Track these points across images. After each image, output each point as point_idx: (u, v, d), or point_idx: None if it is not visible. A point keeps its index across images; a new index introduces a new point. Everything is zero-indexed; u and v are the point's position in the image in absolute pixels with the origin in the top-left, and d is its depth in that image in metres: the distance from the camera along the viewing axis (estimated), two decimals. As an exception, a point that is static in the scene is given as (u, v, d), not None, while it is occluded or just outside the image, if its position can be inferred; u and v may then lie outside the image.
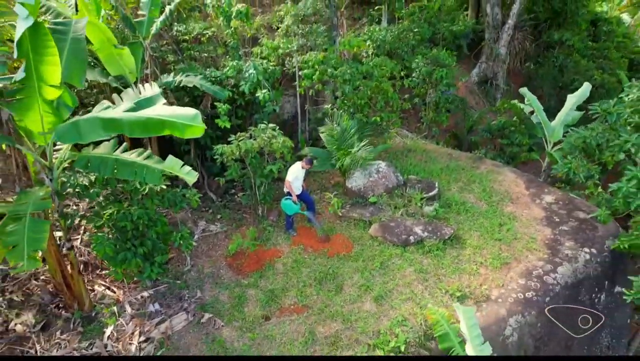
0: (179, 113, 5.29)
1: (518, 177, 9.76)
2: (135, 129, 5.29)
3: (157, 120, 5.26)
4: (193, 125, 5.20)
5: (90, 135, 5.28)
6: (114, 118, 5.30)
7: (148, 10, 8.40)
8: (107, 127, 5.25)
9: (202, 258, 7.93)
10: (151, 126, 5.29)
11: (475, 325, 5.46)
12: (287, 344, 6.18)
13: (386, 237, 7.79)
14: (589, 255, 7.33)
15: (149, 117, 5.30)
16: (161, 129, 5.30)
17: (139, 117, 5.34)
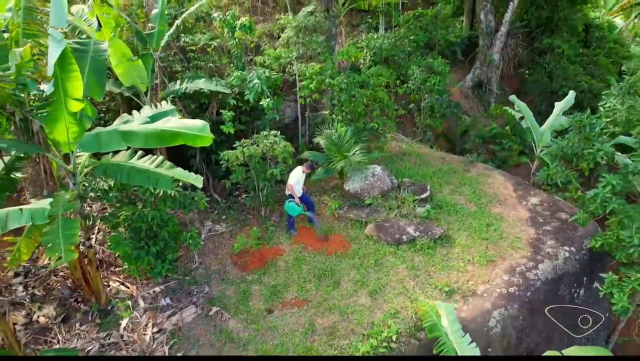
0: (190, 125, 5.85)
1: (507, 180, 10.33)
2: (150, 140, 5.85)
3: (170, 132, 5.82)
4: (202, 136, 5.75)
5: (110, 145, 5.85)
6: (132, 130, 5.87)
7: (158, 24, 8.97)
8: (126, 138, 5.82)
9: (209, 256, 8.50)
10: (165, 137, 5.85)
11: (455, 320, 6.02)
12: (288, 334, 6.75)
13: (381, 236, 8.35)
14: (568, 253, 7.91)
15: (162, 129, 5.86)
16: (174, 140, 5.85)
17: (154, 129, 5.90)
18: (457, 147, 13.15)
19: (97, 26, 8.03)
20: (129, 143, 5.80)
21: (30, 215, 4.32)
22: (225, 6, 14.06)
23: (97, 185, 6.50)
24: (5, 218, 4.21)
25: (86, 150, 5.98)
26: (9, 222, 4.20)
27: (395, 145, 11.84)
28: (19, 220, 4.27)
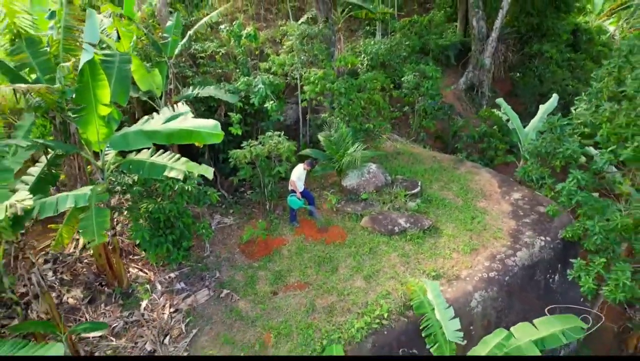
0: (203, 124, 6.70)
1: (493, 177, 11.16)
2: (171, 138, 6.71)
3: (187, 130, 6.67)
4: (214, 133, 6.60)
5: (137, 143, 6.71)
6: (155, 130, 6.72)
7: (171, 34, 9.82)
8: (150, 137, 6.67)
9: (218, 246, 9.33)
10: (183, 135, 6.70)
11: (439, 294, 6.87)
12: (291, 313, 7.58)
13: (375, 227, 9.19)
14: (544, 243, 8.74)
15: (180, 128, 6.72)
16: (189, 137, 6.70)
17: (172, 129, 6.76)
18: (449, 147, 13.97)
19: (116, 37, 8.89)
20: (154, 141, 6.64)
21: (74, 199, 5.13)
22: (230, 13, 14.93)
23: (122, 179, 7.34)
24: (56, 202, 5.02)
25: (116, 148, 6.82)
26: (59, 205, 5.02)
27: (390, 145, 12.68)
28: (65, 203, 5.08)
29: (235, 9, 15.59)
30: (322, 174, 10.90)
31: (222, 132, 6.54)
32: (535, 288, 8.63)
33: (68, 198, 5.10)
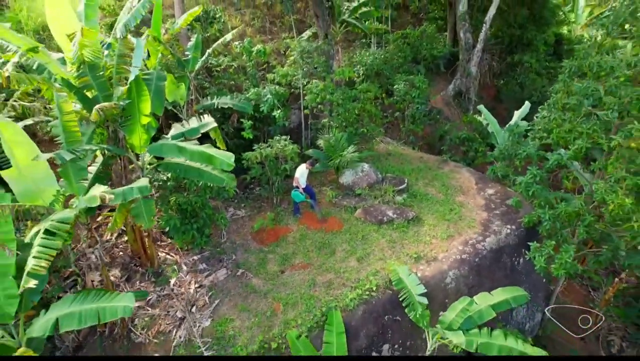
0: (223, 154, 8.11)
1: (472, 175, 12.74)
2: (194, 157, 8.15)
3: (208, 155, 8.09)
4: (227, 162, 7.93)
5: (170, 153, 8.24)
6: (185, 147, 8.20)
7: (192, 52, 11.41)
8: (180, 151, 8.16)
9: (233, 234, 10.91)
10: (204, 157, 8.10)
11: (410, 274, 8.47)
12: (297, 287, 9.16)
13: (367, 218, 10.77)
14: (509, 230, 10.33)
15: (204, 152, 8.16)
16: (209, 160, 8.12)
17: (198, 150, 8.21)
18: (436, 148, 15.55)
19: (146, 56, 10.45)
20: (182, 155, 8.14)
21: (138, 190, 6.68)
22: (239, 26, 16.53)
23: (158, 176, 8.91)
24: (123, 192, 6.57)
25: (152, 153, 8.38)
26: (126, 195, 6.56)
27: (382, 147, 14.26)
28: (132, 193, 6.63)
29: (243, 22, 17.23)
30: (322, 172, 12.47)
31: (233, 164, 7.86)
32: (502, 268, 10.20)
33: (133, 189, 6.64)
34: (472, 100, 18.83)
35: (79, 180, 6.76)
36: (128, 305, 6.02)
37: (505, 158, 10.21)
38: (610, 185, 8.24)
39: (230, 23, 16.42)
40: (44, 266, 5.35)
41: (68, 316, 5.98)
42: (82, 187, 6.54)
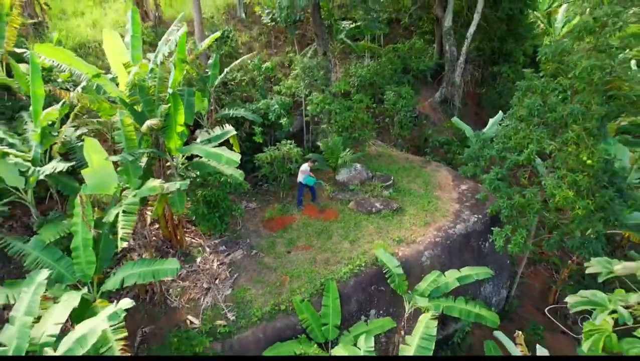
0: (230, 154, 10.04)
1: (449, 173, 14.84)
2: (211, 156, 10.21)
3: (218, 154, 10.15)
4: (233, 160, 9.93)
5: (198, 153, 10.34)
6: (208, 150, 10.27)
7: (212, 69, 13.51)
8: (205, 153, 10.25)
9: (247, 222, 13.01)
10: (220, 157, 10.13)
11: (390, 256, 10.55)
12: (300, 264, 11.25)
13: (359, 209, 12.86)
14: (476, 219, 12.43)
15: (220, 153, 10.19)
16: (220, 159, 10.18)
17: (214, 151, 10.24)
18: (421, 150, 17.64)
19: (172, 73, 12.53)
20: (204, 155, 10.20)
21: (180, 185, 8.76)
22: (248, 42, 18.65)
23: (189, 174, 11.01)
24: (167, 186, 8.64)
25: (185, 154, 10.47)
26: (170, 188, 8.63)
27: (373, 149, 16.36)
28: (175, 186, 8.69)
29: (251, 38, 19.34)
30: (321, 171, 14.56)
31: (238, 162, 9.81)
32: (470, 251, 12.29)
33: (176, 183, 8.72)
34: (457, 107, 20.90)
35: (136, 176, 8.86)
36: (175, 267, 8.13)
37: (473, 159, 12.32)
38: (556, 181, 10.33)
39: (240, 39, 18.52)
40: (128, 233, 7.46)
41: (130, 276, 8.08)
42: (137, 181, 8.64)
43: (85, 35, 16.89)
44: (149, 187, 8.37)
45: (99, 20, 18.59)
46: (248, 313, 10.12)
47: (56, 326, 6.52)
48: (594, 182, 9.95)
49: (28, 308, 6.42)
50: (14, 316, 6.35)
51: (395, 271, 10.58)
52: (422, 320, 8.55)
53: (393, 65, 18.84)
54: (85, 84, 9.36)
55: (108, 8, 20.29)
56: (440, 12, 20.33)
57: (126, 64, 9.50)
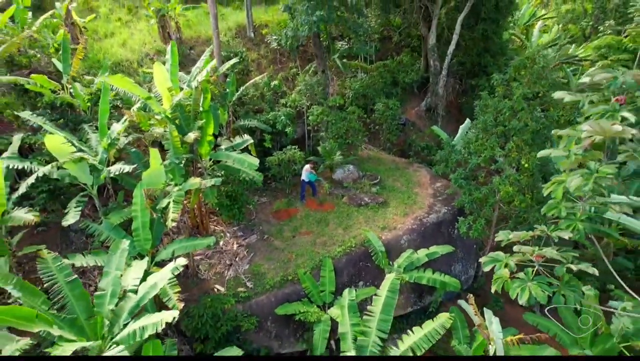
0: (251, 159, 12.96)
1: (428, 173, 17.67)
2: (236, 161, 13.08)
3: (243, 159, 13.03)
4: (253, 164, 12.87)
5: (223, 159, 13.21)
6: (234, 156, 13.13)
7: (230, 87, 16.37)
8: (233, 159, 13.08)
9: (259, 213, 15.85)
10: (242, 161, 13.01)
11: (376, 238, 13.37)
12: (303, 245, 14.08)
13: (351, 202, 15.70)
14: (446, 210, 15.26)
15: (242, 158, 13.06)
16: (243, 163, 13.04)
17: (238, 157, 13.12)
18: (406, 154, 20.48)
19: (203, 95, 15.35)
20: (229, 159, 13.03)
21: (214, 181, 11.58)
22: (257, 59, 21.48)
23: (215, 174, 13.84)
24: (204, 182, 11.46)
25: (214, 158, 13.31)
26: (206, 184, 11.45)
27: (365, 152, 19.21)
28: (210, 182, 11.51)
29: (259, 55, 22.20)
30: (321, 171, 17.40)
31: (257, 165, 12.75)
32: (441, 236, 15.10)
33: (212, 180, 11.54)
34: (440, 115, 23.74)
35: (180, 175, 11.71)
36: (211, 241, 10.96)
37: (443, 161, 15.18)
38: (502, 180, 13.15)
39: (250, 56, 21.38)
40: (177, 216, 10.28)
41: (180, 248, 10.91)
42: (181, 179, 11.50)
43: (118, 55, 19.78)
44: (191, 183, 11.23)
45: (128, 40, 21.49)
46: (262, 282, 12.95)
47: (135, 280, 9.35)
48: (532, 181, 12.78)
49: (117, 266, 9.28)
50: (108, 271, 9.21)
51: (379, 250, 13.42)
52: (388, 278, 11.33)
53: (383, 79, 21.71)
54: (139, 105, 12.20)
55: (134, 28, 23.20)
56: (425, 31, 23.20)
57: (169, 89, 12.35)
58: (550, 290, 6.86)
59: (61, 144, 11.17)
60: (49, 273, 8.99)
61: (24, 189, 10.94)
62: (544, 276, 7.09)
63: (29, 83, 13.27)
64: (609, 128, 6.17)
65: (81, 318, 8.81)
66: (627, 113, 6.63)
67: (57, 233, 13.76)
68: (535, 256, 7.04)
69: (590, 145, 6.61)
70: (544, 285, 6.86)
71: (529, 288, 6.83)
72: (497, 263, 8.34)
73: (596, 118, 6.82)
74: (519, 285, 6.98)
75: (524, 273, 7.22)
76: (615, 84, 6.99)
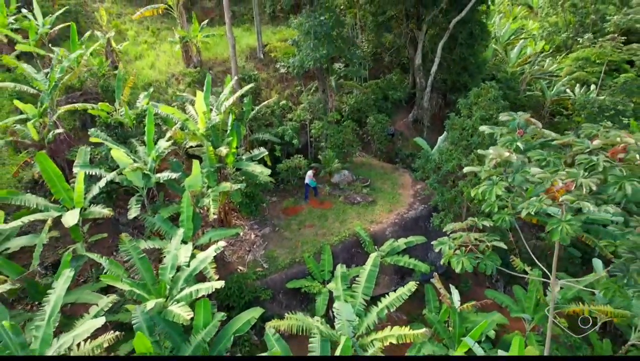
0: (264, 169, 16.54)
1: (410, 177, 21.20)
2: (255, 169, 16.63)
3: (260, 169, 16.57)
4: (266, 173, 16.44)
5: (243, 167, 16.76)
6: (250, 164, 16.68)
7: (247, 106, 19.90)
8: (247, 165, 16.63)
9: (271, 210, 19.37)
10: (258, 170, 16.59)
11: (364, 230, 16.90)
12: (307, 236, 17.58)
13: (346, 201, 19.23)
14: (423, 207, 18.79)
15: (258, 168, 16.61)
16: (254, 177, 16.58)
17: (256, 166, 16.67)
18: (393, 160, 23.99)
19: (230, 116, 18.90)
20: (247, 167, 16.57)
21: (240, 186, 15.05)
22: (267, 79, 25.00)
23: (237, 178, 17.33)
24: (233, 186, 14.93)
25: (236, 166, 16.82)
26: (234, 187, 14.93)
27: (359, 159, 22.74)
28: (237, 186, 14.98)
29: (268, 75, 25.72)
30: (321, 176, 20.91)
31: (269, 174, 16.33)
32: (419, 228, 18.58)
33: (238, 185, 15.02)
34: (425, 125, 27.22)
35: (214, 180, 15.21)
36: (239, 231, 14.48)
37: (421, 168, 18.70)
38: (465, 183, 16.65)
39: (260, 75, 24.89)
40: (216, 212, 13.76)
41: (215, 235, 14.44)
42: (214, 183, 15.01)
43: (149, 77, 23.31)
44: (223, 186, 14.75)
45: (155, 62, 25.03)
46: (275, 264, 16.47)
47: (186, 258, 12.83)
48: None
49: (175, 247, 12.79)
50: (169, 250, 12.73)
51: (368, 240, 16.94)
52: (372, 256, 14.76)
53: (375, 95, 25.22)
54: (179, 125, 15.73)
55: (158, 49, 26.75)
56: (412, 53, 26.73)
57: (204, 112, 15.87)
58: (475, 262, 10.39)
59: (123, 156, 14.70)
60: (127, 252, 12.54)
61: (97, 190, 14.45)
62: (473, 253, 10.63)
63: (93, 108, 16.80)
64: (502, 153, 9.81)
65: (149, 284, 12.34)
66: (520, 143, 10.26)
67: (110, 226, 17.30)
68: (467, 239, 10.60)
69: (496, 164, 10.22)
70: (472, 259, 10.41)
71: (462, 261, 10.37)
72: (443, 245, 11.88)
73: (501, 145, 10.41)
74: (457, 259, 10.52)
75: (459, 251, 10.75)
76: (513, 123, 10.65)
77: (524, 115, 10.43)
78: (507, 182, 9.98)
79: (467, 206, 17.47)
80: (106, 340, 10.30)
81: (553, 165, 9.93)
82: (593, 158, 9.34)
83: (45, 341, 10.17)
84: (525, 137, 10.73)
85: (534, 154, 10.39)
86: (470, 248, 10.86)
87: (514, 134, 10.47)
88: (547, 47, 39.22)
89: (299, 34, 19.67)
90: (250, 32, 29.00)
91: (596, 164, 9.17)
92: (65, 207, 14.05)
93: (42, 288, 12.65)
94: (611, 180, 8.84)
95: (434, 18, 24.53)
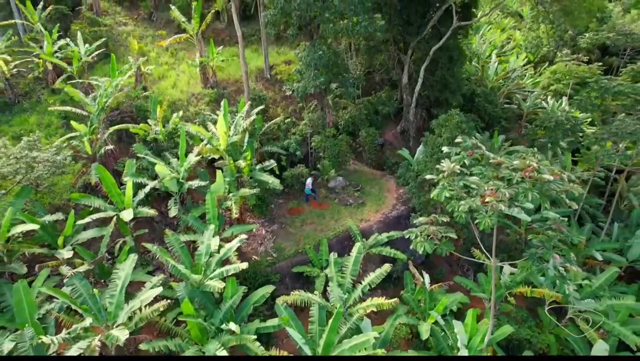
0: (273, 178, 20.46)
1: (395, 183, 25.08)
2: (266, 177, 20.54)
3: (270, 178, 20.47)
4: (275, 180, 20.37)
5: (256, 175, 20.68)
6: (262, 173, 20.58)
7: (258, 124, 23.80)
8: (259, 175, 20.56)
9: (278, 210, 23.26)
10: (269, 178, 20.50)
11: (355, 226, 20.82)
12: (308, 232, 21.47)
13: (340, 203, 23.14)
14: (404, 208, 22.70)
15: (268, 176, 20.51)
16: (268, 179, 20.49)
17: (267, 175, 20.59)
18: (382, 168, 27.87)
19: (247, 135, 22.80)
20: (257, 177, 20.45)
21: (256, 191, 18.88)
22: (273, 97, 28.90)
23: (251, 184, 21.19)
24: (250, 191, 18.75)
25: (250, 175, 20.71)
26: (251, 192, 18.73)
27: (352, 167, 26.64)
28: (253, 191, 18.81)
29: (274, 93, 29.62)
30: (320, 182, 24.79)
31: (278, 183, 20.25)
32: (400, 225, 22.42)
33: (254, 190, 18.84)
34: (411, 136, 31.07)
35: (234, 186, 19.09)
36: (254, 227, 18.36)
37: (402, 176, 22.59)
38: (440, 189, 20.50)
39: (268, 95, 28.77)
40: (237, 212, 17.62)
41: (236, 230, 18.33)
42: (234, 189, 18.88)
43: (172, 95, 27.15)
44: (242, 191, 18.63)
45: (176, 82, 28.90)
46: (282, 254, 20.35)
47: (216, 246, 16.69)
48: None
49: (207, 238, 16.68)
50: (202, 241, 16.62)
51: (358, 235, 20.82)
52: (356, 245, 18.63)
53: (367, 110, 29.12)
54: (205, 142, 19.63)
55: (178, 69, 30.61)
56: (399, 73, 30.64)
57: (225, 132, 19.77)
58: (434, 247, 14.29)
59: (163, 169, 18.60)
60: (170, 243, 16.44)
61: (143, 195, 18.33)
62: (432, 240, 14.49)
63: (134, 127, 20.69)
64: (450, 167, 13.72)
65: (188, 266, 16.24)
66: (467, 160, 14.17)
67: (147, 223, 21.18)
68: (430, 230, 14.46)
69: (449, 173, 14.11)
70: (431, 244, 14.29)
71: (424, 245, 14.22)
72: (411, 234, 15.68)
73: (452, 161, 14.29)
74: (420, 244, 14.38)
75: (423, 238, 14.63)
76: (464, 145, 14.57)
77: (473, 140, 14.37)
78: (453, 186, 13.87)
79: (440, 207, 21.33)
80: (161, 305, 14.17)
81: (487, 178, 13.86)
82: (512, 174, 13.30)
83: (118, 306, 14.06)
84: (475, 155, 14.69)
85: (475, 169, 14.34)
86: (431, 237, 14.77)
87: (465, 153, 14.39)
88: (532, 57, 42.89)
89: (301, 64, 23.55)
90: (257, 53, 32.83)
91: (512, 178, 13.12)
92: (118, 208, 17.93)
93: (106, 269, 16.53)
94: (520, 190, 12.76)
95: (418, 44, 28.40)
